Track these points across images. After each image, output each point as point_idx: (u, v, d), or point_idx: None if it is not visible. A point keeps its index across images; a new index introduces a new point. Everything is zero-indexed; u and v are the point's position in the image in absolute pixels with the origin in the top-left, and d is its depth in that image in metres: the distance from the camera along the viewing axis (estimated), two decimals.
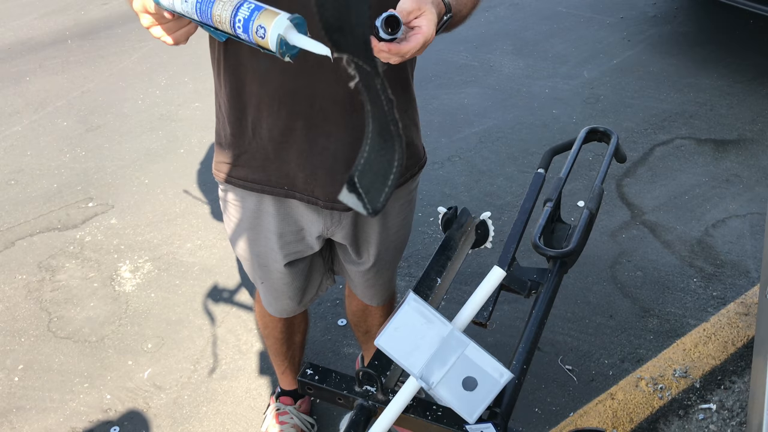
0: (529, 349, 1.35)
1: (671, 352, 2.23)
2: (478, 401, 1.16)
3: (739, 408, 2.05)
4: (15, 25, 4.80)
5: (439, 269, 1.47)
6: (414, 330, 1.17)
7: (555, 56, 4.11)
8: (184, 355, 2.37)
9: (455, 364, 1.17)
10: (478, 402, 1.16)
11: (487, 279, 1.25)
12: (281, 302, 1.70)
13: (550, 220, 1.65)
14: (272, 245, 1.54)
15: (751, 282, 2.51)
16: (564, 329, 2.38)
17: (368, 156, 0.85)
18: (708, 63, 3.94)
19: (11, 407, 2.23)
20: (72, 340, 2.45)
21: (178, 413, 2.18)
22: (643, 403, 2.07)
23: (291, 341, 1.93)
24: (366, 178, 0.85)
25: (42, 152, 3.47)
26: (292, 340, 1.93)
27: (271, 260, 1.58)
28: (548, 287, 1.51)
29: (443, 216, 1.58)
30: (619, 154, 1.79)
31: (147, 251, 2.83)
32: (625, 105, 3.61)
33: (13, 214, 3.06)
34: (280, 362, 2.00)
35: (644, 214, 2.88)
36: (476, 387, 1.16)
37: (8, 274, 2.75)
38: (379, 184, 0.85)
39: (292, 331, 1.90)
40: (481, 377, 1.16)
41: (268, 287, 1.67)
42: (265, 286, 1.67)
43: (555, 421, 2.07)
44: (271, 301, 1.72)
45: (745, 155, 3.19)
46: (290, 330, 1.89)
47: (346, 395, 1.31)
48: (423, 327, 1.17)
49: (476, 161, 3.25)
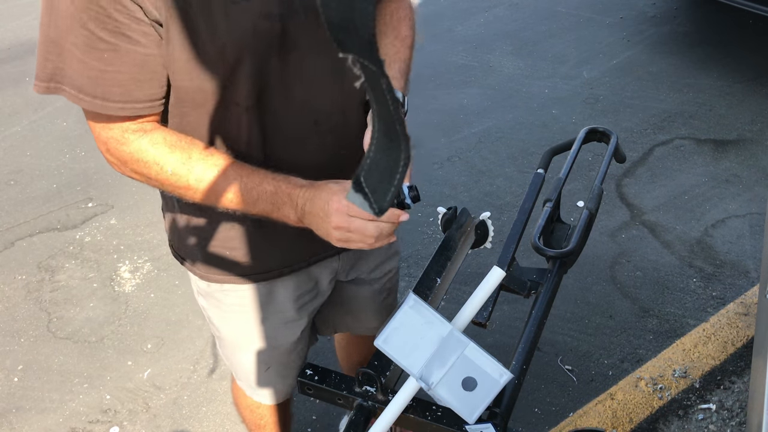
0: (529, 350, 1.35)
1: (671, 352, 2.23)
2: (478, 401, 1.16)
3: (739, 408, 2.05)
4: (15, 25, 4.80)
5: (438, 269, 1.47)
6: (413, 330, 1.17)
7: (554, 56, 4.11)
8: (183, 355, 2.37)
9: (455, 365, 1.16)
10: (477, 402, 1.16)
11: (487, 279, 1.25)
12: (288, 380, 1.51)
13: (549, 220, 1.65)
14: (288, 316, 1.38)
15: (751, 282, 2.51)
16: (563, 329, 2.38)
17: (374, 156, 0.85)
18: (707, 63, 3.95)
19: (11, 407, 2.23)
20: (72, 340, 2.45)
21: (177, 413, 2.18)
22: (643, 404, 2.07)
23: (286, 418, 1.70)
24: (372, 178, 0.85)
25: (41, 152, 3.47)
26: (286, 416, 1.70)
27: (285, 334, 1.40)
28: (548, 287, 1.51)
29: (443, 216, 1.58)
30: (619, 154, 1.79)
31: (147, 251, 2.83)
32: (625, 105, 3.61)
33: (12, 215, 3.06)
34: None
35: (644, 215, 2.88)
36: (476, 387, 1.16)
37: (8, 274, 2.75)
38: (385, 183, 0.85)
39: (285, 418, 1.69)
40: (481, 377, 1.16)
41: (274, 371, 1.47)
42: (271, 371, 1.46)
43: (555, 421, 2.07)
44: (276, 384, 1.50)
45: (745, 155, 3.19)
46: (284, 415, 1.68)
47: (345, 395, 1.31)
48: (422, 327, 1.17)
49: (476, 161, 3.25)
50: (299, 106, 1.13)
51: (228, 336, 1.42)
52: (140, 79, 1.01)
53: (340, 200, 1.03)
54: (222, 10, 0.98)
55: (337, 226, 1.04)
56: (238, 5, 0.99)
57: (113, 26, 0.95)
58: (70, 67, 0.99)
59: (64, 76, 1.00)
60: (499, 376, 1.16)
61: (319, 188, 1.06)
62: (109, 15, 0.94)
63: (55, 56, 0.99)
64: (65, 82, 1.00)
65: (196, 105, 1.09)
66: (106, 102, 1.00)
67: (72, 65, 0.98)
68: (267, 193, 1.07)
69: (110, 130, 1.05)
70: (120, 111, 1.01)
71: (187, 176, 1.06)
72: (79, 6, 0.94)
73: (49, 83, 1.01)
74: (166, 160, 1.06)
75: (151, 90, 1.03)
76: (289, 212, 1.08)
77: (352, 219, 1.03)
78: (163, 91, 1.06)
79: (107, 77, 0.98)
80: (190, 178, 1.06)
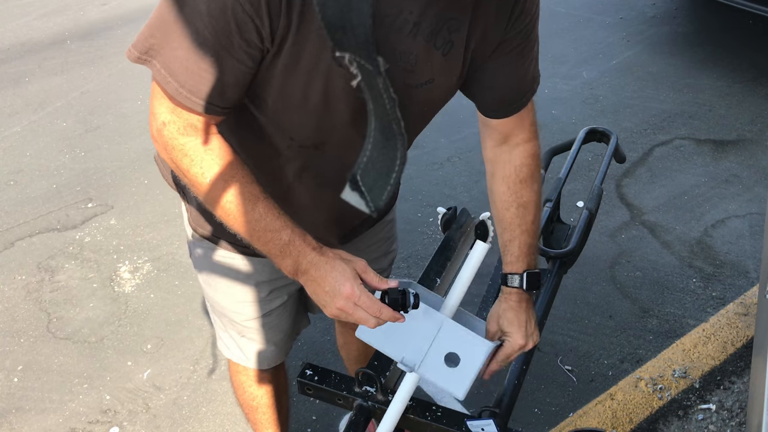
0: (529, 350, 1.35)
1: (671, 353, 2.23)
2: (464, 375, 1.13)
3: (739, 408, 2.05)
4: (14, 25, 4.80)
5: (438, 269, 1.48)
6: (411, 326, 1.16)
7: (554, 57, 4.11)
8: (183, 355, 2.37)
9: (434, 343, 1.14)
10: (464, 376, 1.13)
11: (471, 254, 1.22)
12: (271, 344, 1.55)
13: (549, 221, 1.65)
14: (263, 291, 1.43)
15: (751, 282, 2.51)
16: (563, 329, 2.38)
17: (371, 154, 0.85)
18: (707, 63, 3.95)
19: (10, 408, 2.23)
20: (71, 340, 2.45)
21: (177, 414, 2.18)
22: (643, 404, 2.07)
23: (281, 405, 1.76)
24: (369, 176, 0.85)
25: (41, 153, 3.47)
26: (281, 404, 1.76)
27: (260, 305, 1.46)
28: (548, 287, 1.51)
29: (443, 216, 1.58)
30: (619, 154, 1.79)
31: (146, 252, 2.83)
32: (625, 105, 3.61)
33: (12, 215, 3.06)
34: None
35: (643, 215, 2.88)
36: (459, 362, 1.14)
37: (7, 274, 2.75)
38: (381, 182, 0.85)
39: (279, 392, 1.73)
40: (463, 351, 1.14)
41: (252, 337, 1.52)
42: (247, 338, 1.52)
43: (554, 421, 2.07)
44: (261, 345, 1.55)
45: (745, 155, 3.19)
46: (278, 391, 1.72)
47: (345, 396, 1.31)
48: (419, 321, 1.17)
49: (476, 161, 3.25)
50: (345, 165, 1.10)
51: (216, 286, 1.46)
52: (229, 86, 1.02)
53: (353, 288, 1.05)
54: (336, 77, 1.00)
55: (341, 308, 1.07)
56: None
57: (228, 42, 0.96)
58: (171, 52, 0.99)
59: (161, 54, 1.00)
60: (481, 346, 1.15)
61: (329, 260, 1.08)
62: (230, 31, 0.95)
63: (161, 36, 0.99)
64: (159, 59, 1.00)
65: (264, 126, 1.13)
66: (192, 95, 1.00)
67: (175, 51, 0.99)
68: (281, 241, 1.08)
69: (178, 118, 1.05)
70: (198, 107, 1.02)
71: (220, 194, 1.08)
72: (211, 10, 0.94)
73: (143, 54, 1.02)
74: (209, 166, 1.06)
75: (234, 96, 1.04)
76: (289, 265, 1.09)
77: (357, 308, 1.06)
78: (241, 99, 1.07)
79: (204, 77, 0.99)
80: (222, 197, 1.08)
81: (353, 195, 0.86)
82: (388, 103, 0.88)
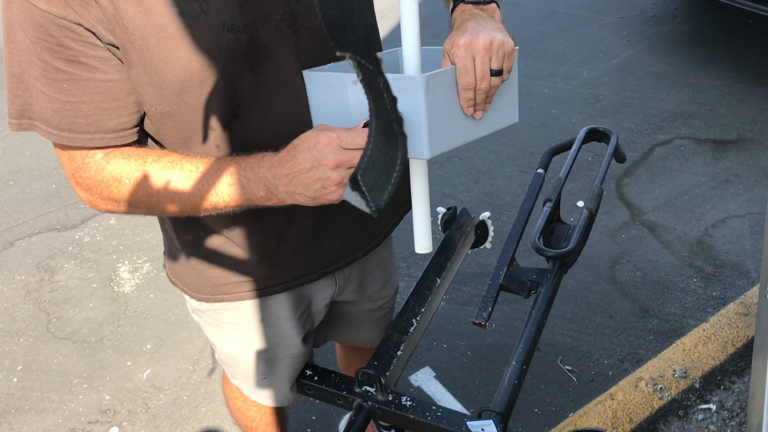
0: (529, 350, 1.35)
1: (671, 353, 2.23)
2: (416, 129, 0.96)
3: (739, 408, 2.05)
4: None
5: (438, 269, 1.47)
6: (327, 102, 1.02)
7: (554, 56, 4.11)
8: (183, 355, 2.37)
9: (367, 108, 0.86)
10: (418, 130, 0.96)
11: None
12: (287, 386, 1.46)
13: (549, 220, 1.64)
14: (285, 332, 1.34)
15: (751, 282, 2.51)
16: (563, 329, 2.37)
17: (371, 154, 0.84)
18: (707, 63, 3.94)
19: (10, 408, 2.23)
20: (71, 340, 2.45)
21: (177, 414, 2.18)
22: (643, 404, 2.06)
23: (281, 420, 1.68)
24: (369, 176, 0.84)
25: (41, 153, 3.46)
26: (281, 419, 1.68)
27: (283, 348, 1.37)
28: (548, 287, 1.51)
29: (443, 216, 1.58)
30: (619, 154, 1.79)
31: (146, 251, 2.82)
32: (625, 105, 3.61)
33: (11, 215, 3.06)
34: None
35: (644, 215, 2.88)
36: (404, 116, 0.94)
37: (7, 274, 2.75)
38: (382, 182, 0.85)
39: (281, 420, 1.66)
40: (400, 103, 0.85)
41: (270, 381, 1.43)
42: (268, 380, 1.43)
43: (554, 421, 2.07)
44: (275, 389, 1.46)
45: (745, 155, 3.19)
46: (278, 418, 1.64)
47: (345, 396, 1.31)
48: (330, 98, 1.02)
49: (475, 161, 3.25)
50: (283, 118, 1.06)
51: (225, 350, 1.39)
52: (105, 108, 0.95)
53: (328, 136, 0.91)
54: (180, 27, 0.92)
55: (337, 163, 0.91)
56: (197, 20, 0.93)
57: (68, 55, 0.90)
58: (36, 101, 0.95)
59: (33, 111, 0.96)
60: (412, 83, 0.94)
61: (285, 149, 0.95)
62: (62, 43, 0.89)
63: (21, 91, 0.95)
64: (35, 117, 0.96)
65: (174, 131, 1.03)
66: (73, 134, 0.95)
67: (37, 99, 0.94)
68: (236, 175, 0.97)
69: (73, 161, 0.99)
70: (88, 142, 0.96)
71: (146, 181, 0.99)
72: (32, 37, 0.89)
73: (20, 120, 0.97)
74: (122, 171, 0.99)
75: (119, 119, 0.97)
76: (262, 189, 0.97)
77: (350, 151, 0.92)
78: (134, 120, 1.00)
79: (71, 108, 0.94)
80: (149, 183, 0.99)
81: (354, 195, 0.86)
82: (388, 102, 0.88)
